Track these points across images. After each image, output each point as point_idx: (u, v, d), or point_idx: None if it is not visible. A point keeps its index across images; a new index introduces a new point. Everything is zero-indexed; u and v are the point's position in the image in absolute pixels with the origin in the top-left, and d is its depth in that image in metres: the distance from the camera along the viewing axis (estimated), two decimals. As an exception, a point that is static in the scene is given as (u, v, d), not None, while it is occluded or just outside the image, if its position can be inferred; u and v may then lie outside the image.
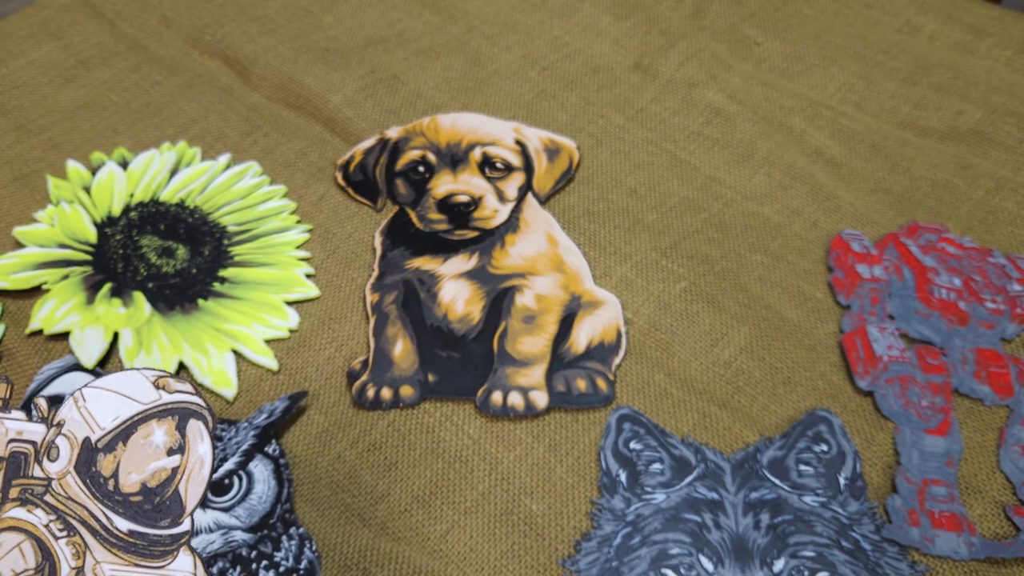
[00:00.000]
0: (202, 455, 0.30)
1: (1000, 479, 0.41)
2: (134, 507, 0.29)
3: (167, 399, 0.30)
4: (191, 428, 0.30)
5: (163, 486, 0.29)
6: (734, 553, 0.37)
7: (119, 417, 0.29)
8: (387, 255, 0.50)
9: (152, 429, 0.29)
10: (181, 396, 0.30)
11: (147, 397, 0.30)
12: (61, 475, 0.29)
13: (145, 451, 0.29)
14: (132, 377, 0.30)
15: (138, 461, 0.29)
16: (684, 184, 0.54)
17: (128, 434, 0.29)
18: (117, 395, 0.30)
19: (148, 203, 0.52)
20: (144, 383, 0.30)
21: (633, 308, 0.48)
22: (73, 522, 0.29)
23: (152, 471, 0.29)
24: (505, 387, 0.44)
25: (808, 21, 0.66)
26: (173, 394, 0.30)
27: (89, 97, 0.60)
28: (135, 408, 0.29)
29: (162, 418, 0.30)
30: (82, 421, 0.29)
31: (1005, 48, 0.63)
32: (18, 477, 0.29)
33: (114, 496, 0.29)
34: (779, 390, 0.44)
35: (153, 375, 0.30)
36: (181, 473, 0.30)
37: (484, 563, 0.39)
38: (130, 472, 0.29)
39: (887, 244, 0.50)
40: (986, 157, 0.56)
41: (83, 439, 0.29)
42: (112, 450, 0.29)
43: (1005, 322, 0.46)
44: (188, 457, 0.30)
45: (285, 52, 0.62)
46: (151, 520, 0.29)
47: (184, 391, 0.30)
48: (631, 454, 0.41)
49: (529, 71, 0.62)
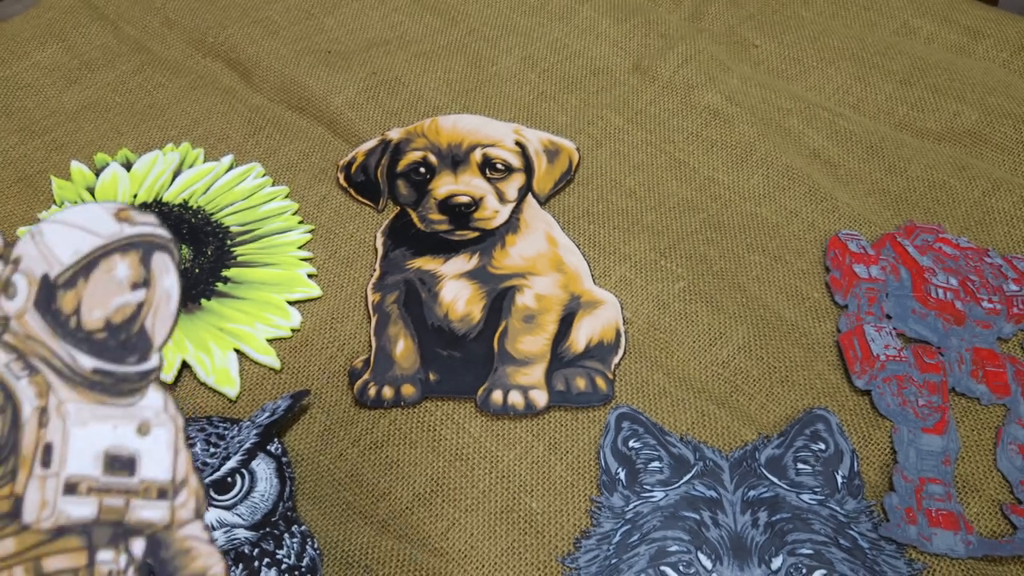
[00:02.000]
0: (168, 288, 0.28)
1: (997, 478, 0.41)
2: (98, 344, 0.27)
3: (129, 231, 0.28)
4: (156, 261, 0.28)
5: (129, 322, 0.28)
6: (732, 551, 0.38)
7: (79, 251, 0.27)
8: (388, 255, 0.50)
9: (115, 263, 0.27)
10: (145, 228, 0.28)
11: (108, 230, 0.27)
12: (19, 313, 0.27)
13: (108, 286, 0.27)
14: (92, 210, 0.28)
15: (101, 297, 0.27)
16: (682, 185, 0.55)
17: (89, 269, 0.27)
18: (77, 229, 0.27)
19: (151, 204, 0.52)
20: (105, 216, 0.28)
21: (632, 308, 0.48)
22: (35, 361, 0.27)
23: (116, 306, 0.27)
24: (505, 386, 0.44)
25: (806, 23, 0.66)
26: (136, 226, 0.28)
27: (93, 98, 0.60)
28: (96, 242, 0.27)
29: (125, 251, 0.28)
30: (40, 257, 0.27)
31: (1002, 50, 0.63)
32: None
33: (77, 334, 0.27)
34: (777, 389, 0.45)
35: (114, 207, 0.28)
36: (147, 308, 0.28)
37: (484, 560, 0.39)
38: (93, 308, 0.27)
39: (884, 244, 0.50)
40: (983, 158, 0.56)
41: (42, 275, 0.27)
42: (73, 286, 0.27)
43: (1001, 322, 0.46)
44: (154, 291, 0.28)
45: (287, 54, 0.63)
46: (117, 357, 0.28)
47: (148, 223, 0.28)
48: (630, 452, 0.42)
49: (529, 73, 0.62)
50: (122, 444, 0.28)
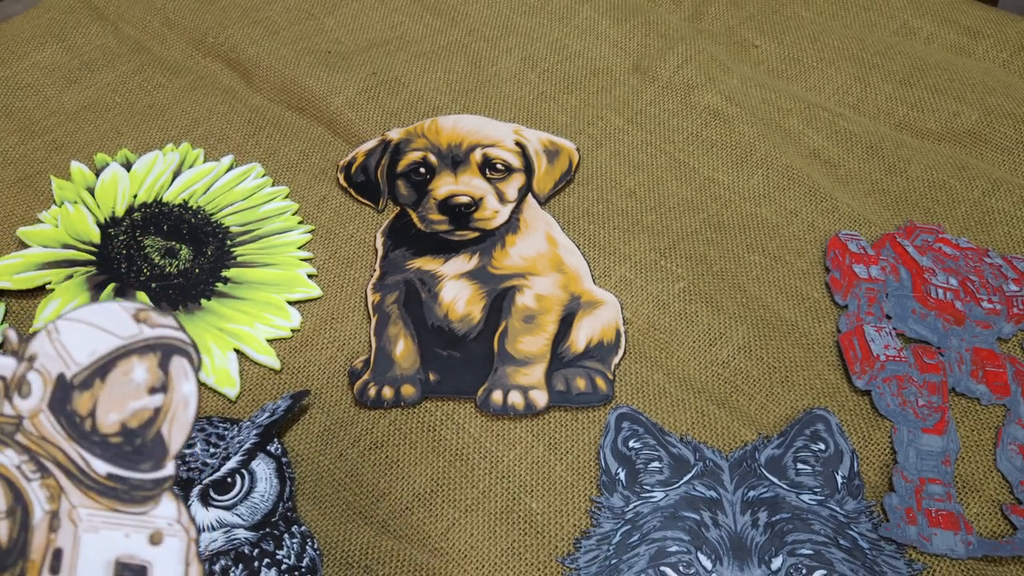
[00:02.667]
0: (187, 395, 0.27)
1: (997, 478, 0.41)
2: (113, 448, 0.27)
3: (149, 334, 0.27)
4: (175, 365, 0.27)
5: (145, 427, 0.27)
6: (732, 551, 0.38)
7: (96, 352, 0.26)
8: (388, 255, 0.50)
9: (132, 366, 0.27)
10: (164, 332, 0.27)
11: (127, 331, 0.27)
12: (33, 413, 0.26)
13: (125, 389, 0.27)
14: (110, 309, 0.27)
15: (117, 400, 0.26)
16: (682, 185, 0.55)
17: (106, 370, 0.26)
18: (94, 328, 0.27)
19: (152, 204, 0.52)
20: (123, 316, 0.27)
21: (632, 308, 0.48)
22: (47, 463, 0.26)
23: (133, 410, 0.27)
24: (505, 386, 0.44)
25: (805, 23, 0.66)
26: (155, 329, 0.27)
27: (93, 99, 0.60)
28: (114, 343, 0.27)
29: (143, 354, 0.27)
30: (56, 355, 0.26)
31: (1001, 50, 0.63)
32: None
33: (91, 436, 0.26)
34: (777, 389, 0.45)
35: (133, 307, 0.27)
36: (164, 413, 0.27)
37: (484, 561, 0.39)
38: (109, 411, 0.26)
39: (884, 244, 0.50)
40: (982, 158, 0.56)
41: (57, 375, 0.26)
42: (89, 387, 0.26)
43: (1001, 322, 0.46)
44: (172, 396, 0.27)
45: (287, 55, 0.63)
46: (132, 463, 0.27)
47: (167, 326, 0.27)
48: (630, 452, 0.42)
49: (529, 73, 0.62)
50: (134, 553, 0.27)
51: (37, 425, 0.27)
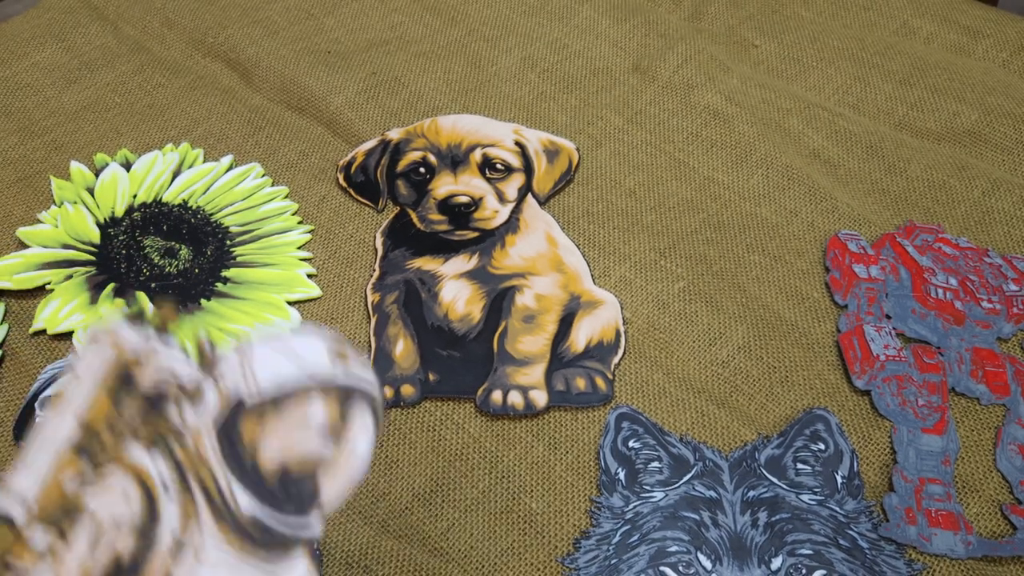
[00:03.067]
0: (360, 452, 0.24)
1: (997, 478, 0.41)
2: (265, 489, 0.24)
3: (342, 379, 0.24)
4: (356, 415, 0.24)
5: (304, 474, 0.24)
6: (732, 551, 0.38)
7: (282, 382, 0.24)
8: (388, 255, 0.50)
9: (313, 404, 0.24)
10: (358, 382, 0.24)
11: (320, 367, 0.24)
12: (198, 430, 0.24)
13: (299, 428, 0.24)
14: (311, 342, 0.25)
15: (285, 437, 0.24)
16: (682, 185, 0.55)
17: (285, 403, 0.24)
18: (288, 357, 0.24)
19: (151, 204, 0.52)
20: (322, 351, 0.25)
21: (632, 308, 0.48)
22: (193, 484, 0.24)
23: (298, 454, 0.24)
24: (505, 386, 0.44)
25: (805, 23, 0.66)
26: (350, 375, 0.24)
27: (92, 99, 0.60)
28: (302, 379, 0.24)
29: (328, 394, 0.24)
30: (241, 376, 0.24)
31: (1001, 50, 0.63)
32: (153, 417, 0.25)
33: (246, 467, 0.24)
34: (776, 389, 0.45)
35: (335, 344, 0.25)
36: (330, 466, 0.24)
37: (484, 561, 0.39)
38: (274, 447, 0.24)
39: (884, 244, 0.50)
40: (982, 158, 0.56)
41: (235, 396, 0.24)
42: (261, 416, 0.24)
43: (1001, 321, 0.46)
44: (344, 449, 0.24)
45: (287, 54, 0.63)
46: (279, 509, 0.24)
47: (364, 376, 0.25)
48: (630, 452, 0.42)
49: (529, 73, 0.62)
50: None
51: (198, 442, 0.25)
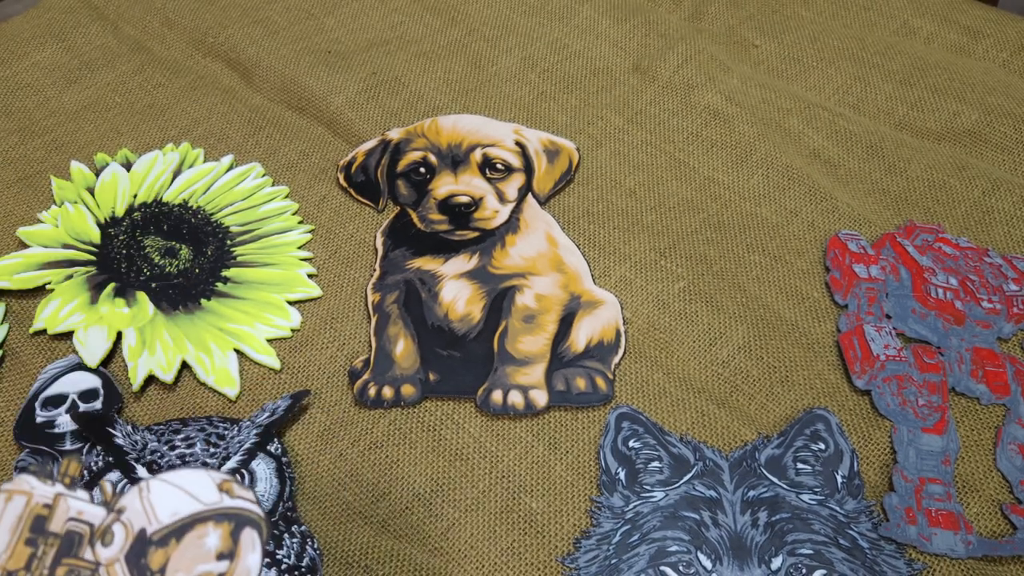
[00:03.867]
0: (250, 566, 0.29)
1: (997, 478, 0.41)
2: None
3: (227, 504, 0.30)
4: (245, 536, 0.29)
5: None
6: (732, 551, 0.38)
7: (178, 513, 0.29)
8: (388, 255, 0.50)
9: (208, 531, 0.29)
10: (242, 503, 0.30)
11: (210, 498, 0.30)
12: (110, 562, 0.29)
13: (196, 551, 0.29)
14: (199, 476, 0.30)
15: (187, 561, 0.29)
16: (682, 185, 0.55)
17: (183, 532, 0.29)
18: (181, 491, 0.30)
19: (151, 204, 0.52)
20: (209, 484, 0.30)
21: (632, 308, 0.48)
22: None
23: (198, 573, 0.29)
24: (505, 386, 0.44)
25: (805, 23, 0.66)
26: (235, 500, 0.30)
27: (93, 98, 0.60)
28: (196, 507, 0.29)
29: (219, 521, 0.29)
30: (142, 511, 0.29)
31: (1001, 50, 0.63)
32: (69, 556, 0.29)
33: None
34: (777, 389, 0.45)
35: (219, 478, 0.30)
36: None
37: (484, 560, 0.39)
38: (178, 570, 0.29)
39: (884, 244, 0.50)
40: (982, 158, 0.56)
41: (139, 529, 0.29)
42: (164, 545, 0.29)
43: (1001, 321, 0.46)
44: (236, 565, 0.29)
45: (287, 54, 0.63)
46: None
47: (246, 498, 0.30)
48: (630, 452, 0.42)
49: (529, 73, 0.62)
50: None
51: (111, 573, 0.29)
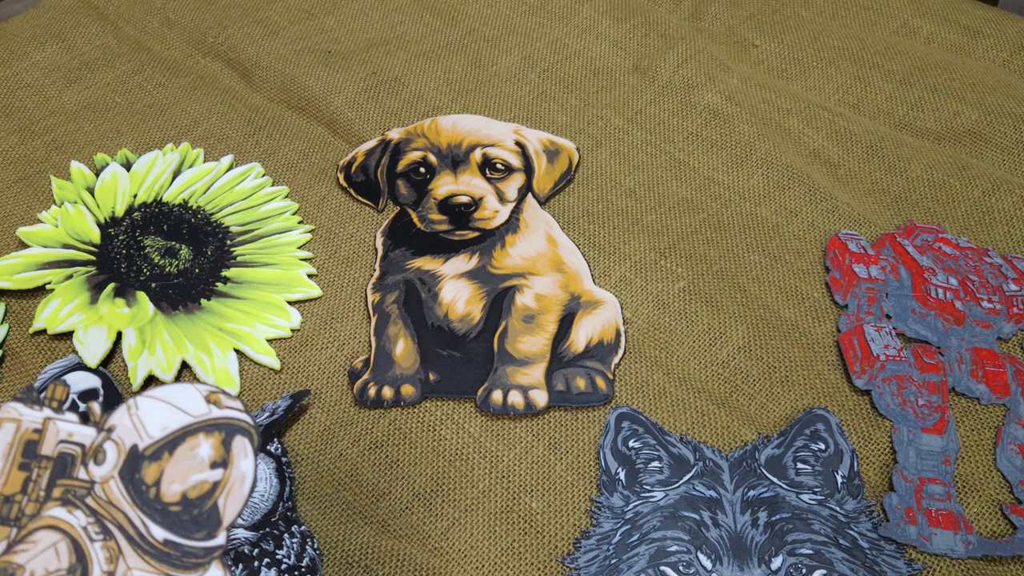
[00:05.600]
0: (244, 471, 0.30)
1: (997, 478, 0.41)
2: (172, 517, 0.29)
3: (216, 414, 0.30)
4: (236, 444, 0.30)
5: (203, 499, 0.29)
6: (732, 551, 0.38)
7: (168, 427, 0.30)
8: (388, 255, 0.50)
9: (199, 442, 0.30)
10: (230, 412, 0.30)
11: (198, 410, 0.30)
12: (105, 479, 0.29)
13: (190, 462, 0.30)
14: (185, 390, 0.31)
15: (182, 472, 0.29)
16: (682, 185, 0.55)
17: (175, 445, 0.30)
18: (169, 406, 0.30)
19: (151, 204, 0.52)
20: (197, 396, 0.30)
21: (632, 308, 0.48)
22: (110, 526, 0.29)
23: (194, 482, 0.29)
24: (505, 386, 0.44)
25: (805, 23, 0.66)
26: (223, 409, 0.30)
27: (93, 98, 0.60)
28: (185, 420, 0.30)
29: (210, 432, 0.30)
30: (132, 428, 0.30)
31: (1001, 50, 0.63)
32: (63, 477, 0.30)
33: (154, 504, 0.29)
34: (777, 389, 0.45)
35: (206, 390, 0.31)
36: (222, 487, 0.30)
37: (484, 560, 0.39)
38: (172, 482, 0.29)
39: (884, 244, 0.50)
40: (982, 158, 0.56)
41: (131, 446, 0.30)
42: (157, 459, 0.29)
43: (1001, 321, 0.46)
44: (230, 472, 0.30)
45: (287, 54, 0.63)
46: (187, 531, 0.29)
47: (234, 408, 0.31)
48: (630, 452, 0.42)
49: (529, 73, 0.62)
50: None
51: (107, 490, 0.29)
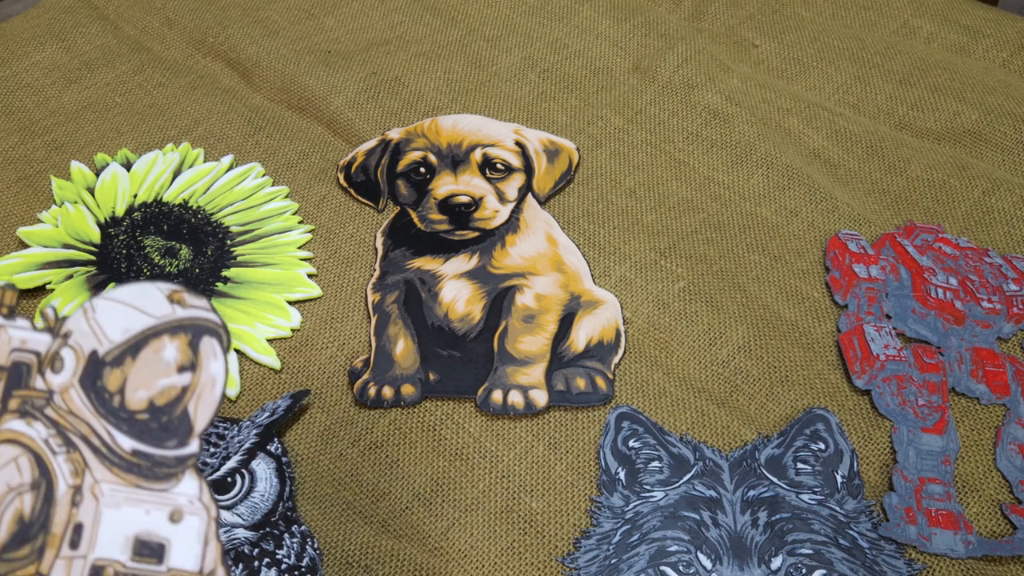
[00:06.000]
0: (214, 374, 0.27)
1: (997, 477, 0.41)
2: (139, 425, 0.27)
3: (181, 314, 0.27)
4: (204, 345, 0.27)
5: (172, 405, 0.27)
6: (732, 551, 0.38)
7: (130, 330, 0.27)
8: (388, 255, 0.50)
9: (164, 344, 0.27)
10: (196, 312, 0.28)
11: (160, 311, 0.27)
12: (64, 388, 0.27)
13: (155, 367, 0.27)
14: (145, 290, 0.28)
15: (147, 377, 0.27)
16: (682, 185, 0.55)
17: (138, 349, 0.27)
18: (129, 307, 0.27)
19: (152, 204, 0.52)
20: (158, 296, 0.28)
21: (632, 307, 0.48)
22: (73, 438, 0.27)
23: (161, 388, 0.27)
24: (505, 386, 0.44)
25: (805, 23, 0.66)
26: (188, 309, 0.27)
27: (93, 98, 0.60)
28: (147, 321, 0.27)
29: (175, 333, 0.27)
30: (90, 332, 0.27)
31: (1001, 50, 0.63)
32: (19, 388, 0.27)
33: (119, 413, 0.27)
34: (777, 389, 0.45)
35: (168, 288, 0.28)
36: (191, 392, 0.27)
37: (484, 560, 0.39)
38: (138, 388, 0.27)
39: (884, 244, 0.50)
40: (982, 158, 0.56)
41: (90, 351, 0.27)
42: (120, 364, 0.27)
43: (1001, 321, 0.46)
44: (200, 375, 0.27)
45: (287, 54, 0.63)
46: (157, 440, 0.27)
47: (200, 307, 0.28)
48: (630, 452, 0.42)
49: (529, 73, 0.62)
50: (153, 530, 0.27)
51: (67, 400, 0.27)
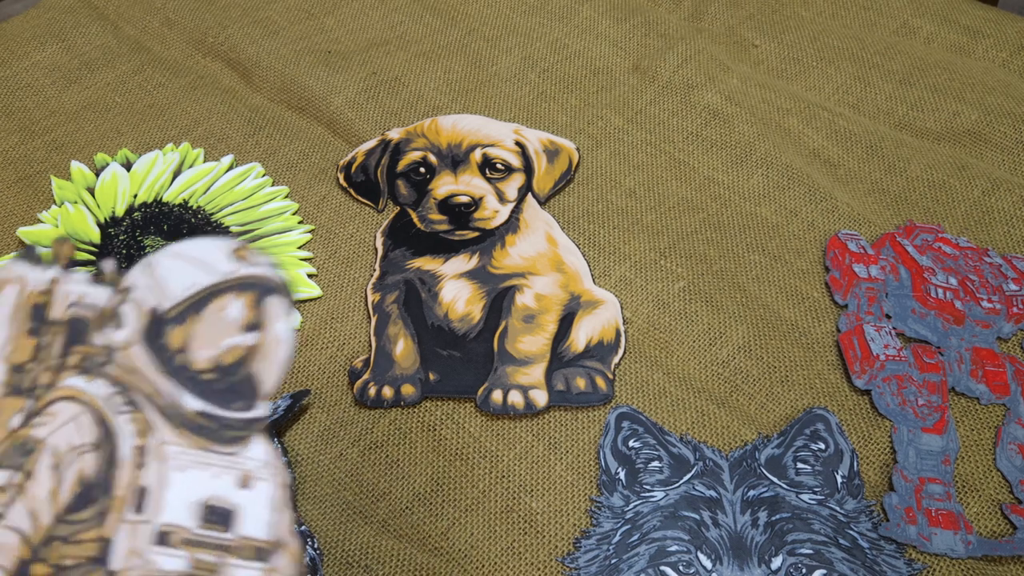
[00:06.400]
0: (280, 334, 0.26)
1: (997, 477, 0.41)
2: (204, 385, 0.26)
3: (245, 271, 0.26)
4: (270, 304, 0.26)
5: (237, 365, 0.26)
6: (732, 550, 0.38)
7: (193, 287, 0.26)
8: (388, 255, 0.50)
9: (228, 303, 0.26)
10: (261, 270, 0.26)
11: (224, 267, 0.26)
12: (125, 345, 0.26)
13: (219, 325, 0.26)
14: (209, 245, 0.27)
15: (211, 336, 0.26)
16: (682, 185, 0.55)
17: (201, 306, 0.26)
18: (192, 263, 0.27)
19: (152, 204, 0.52)
20: (222, 252, 0.27)
21: (632, 307, 0.48)
22: (137, 397, 0.26)
23: (226, 348, 0.26)
24: (505, 385, 0.44)
25: (805, 23, 0.66)
26: (252, 267, 0.26)
27: (93, 98, 0.60)
28: (211, 278, 0.26)
29: (240, 292, 0.26)
30: (151, 288, 0.26)
31: (1001, 50, 0.63)
32: (77, 344, 0.26)
33: (183, 372, 0.26)
34: (776, 389, 0.45)
35: (232, 244, 0.27)
36: (258, 352, 0.26)
37: (484, 560, 0.39)
38: (202, 347, 0.26)
39: (884, 244, 0.50)
40: (982, 158, 0.56)
41: (151, 308, 0.26)
42: (182, 322, 0.26)
43: (1001, 321, 0.46)
44: (266, 335, 0.26)
45: (287, 54, 0.63)
46: (223, 401, 0.26)
47: (264, 264, 0.27)
48: (630, 452, 0.42)
49: (529, 73, 0.62)
50: (222, 496, 0.26)
51: (129, 358, 0.26)
